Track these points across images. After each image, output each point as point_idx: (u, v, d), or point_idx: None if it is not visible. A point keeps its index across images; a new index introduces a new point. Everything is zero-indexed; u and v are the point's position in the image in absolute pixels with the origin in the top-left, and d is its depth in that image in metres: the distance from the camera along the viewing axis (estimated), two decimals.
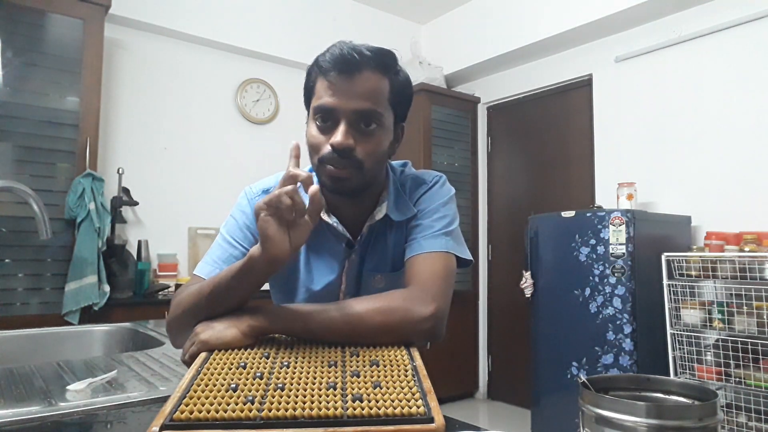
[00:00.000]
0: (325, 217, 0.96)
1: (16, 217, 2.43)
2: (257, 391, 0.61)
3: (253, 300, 0.81)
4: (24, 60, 2.51)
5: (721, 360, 2.27)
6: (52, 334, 1.51)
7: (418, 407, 0.58)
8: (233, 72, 3.56)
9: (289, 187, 0.70)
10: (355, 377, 0.65)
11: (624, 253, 2.47)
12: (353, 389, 0.62)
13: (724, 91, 2.78)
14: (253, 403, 0.58)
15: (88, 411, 0.76)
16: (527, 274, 2.92)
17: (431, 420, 0.57)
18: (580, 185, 3.49)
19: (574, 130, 3.57)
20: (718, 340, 2.30)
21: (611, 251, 2.51)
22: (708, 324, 2.36)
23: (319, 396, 0.60)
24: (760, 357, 2.19)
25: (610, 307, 2.50)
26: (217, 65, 3.49)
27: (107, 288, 2.58)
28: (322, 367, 0.67)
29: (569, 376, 2.64)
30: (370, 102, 0.86)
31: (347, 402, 0.59)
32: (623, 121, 3.22)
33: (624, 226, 2.48)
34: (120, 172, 2.96)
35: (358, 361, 0.70)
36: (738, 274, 2.28)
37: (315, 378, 0.64)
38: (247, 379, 0.64)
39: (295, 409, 0.57)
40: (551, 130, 3.73)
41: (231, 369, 0.67)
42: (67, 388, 0.85)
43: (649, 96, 3.10)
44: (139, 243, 3.01)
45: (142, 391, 0.85)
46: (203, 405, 0.57)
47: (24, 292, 2.47)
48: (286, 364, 0.68)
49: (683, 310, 2.41)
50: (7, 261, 2.43)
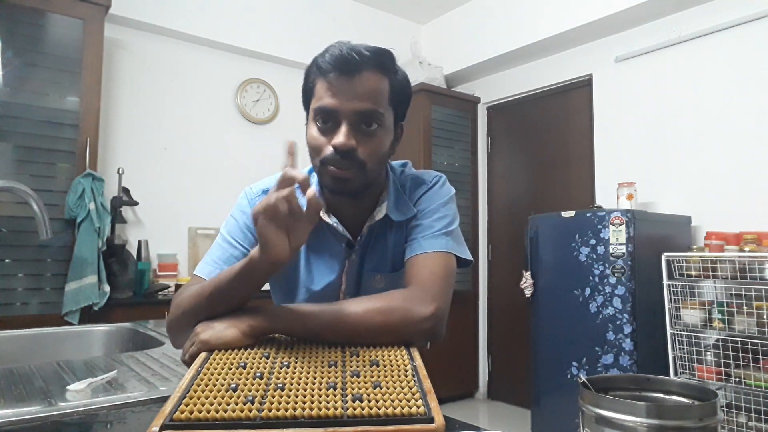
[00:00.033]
0: (325, 217, 0.96)
1: (16, 217, 2.43)
2: (257, 391, 0.61)
3: (254, 300, 0.81)
4: (24, 60, 2.51)
5: (721, 360, 2.27)
6: (52, 334, 1.50)
7: (418, 407, 0.58)
8: (233, 72, 3.56)
9: (286, 191, 0.68)
10: (355, 377, 0.65)
11: (624, 253, 2.47)
12: (353, 389, 0.62)
13: (724, 91, 2.78)
14: (253, 403, 0.58)
15: (88, 411, 0.76)
16: (527, 274, 2.92)
17: (431, 420, 0.57)
18: (580, 185, 3.49)
19: (574, 130, 3.57)
20: (718, 340, 2.30)
21: (611, 251, 2.51)
22: (708, 324, 2.36)
23: (319, 396, 0.60)
24: (760, 357, 2.19)
25: (610, 307, 2.50)
26: (217, 65, 3.49)
27: (107, 288, 2.59)
28: (322, 367, 0.67)
29: (569, 376, 2.64)
30: (371, 102, 0.86)
31: (347, 402, 0.59)
32: (623, 121, 3.22)
33: (624, 226, 2.48)
34: (120, 172, 2.96)
35: (358, 361, 0.70)
36: (738, 274, 2.28)
37: (315, 378, 0.64)
38: (247, 379, 0.64)
39: (295, 409, 0.57)
40: (551, 130, 3.73)
41: (231, 369, 0.67)
42: (67, 388, 0.85)
43: (649, 96, 3.10)
44: (139, 243, 3.01)
45: (142, 391, 0.85)
46: (203, 405, 0.57)
47: (24, 292, 2.47)
48: (286, 364, 0.68)
49: (683, 310, 2.41)
50: (7, 261, 2.43)
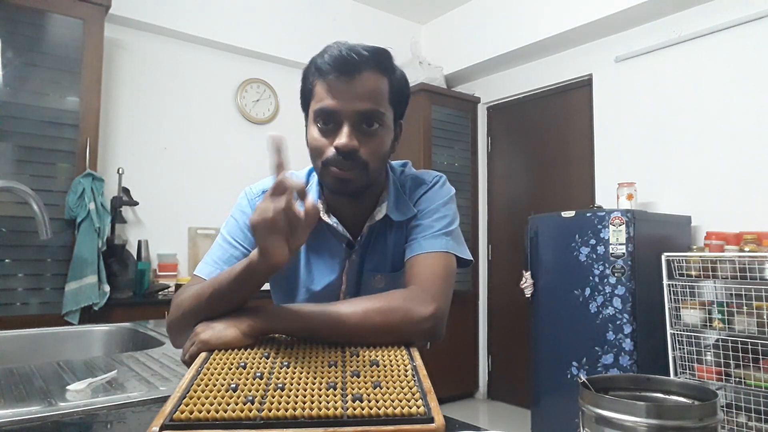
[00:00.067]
0: (325, 217, 0.96)
1: (16, 217, 2.43)
2: (257, 391, 0.61)
3: (254, 300, 0.81)
4: (24, 60, 2.51)
5: (721, 360, 2.27)
6: (52, 334, 1.50)
7: (418, 407, 0.58)
8: (233, 72, 3.56)
9: (283, 202, 0.66)
10: (355, 377, 0.65)
11: (624, 253, 2.47)
12: (353, 389, 0.62)
13: (724, 91, 2.78)
14: (253, 403, 0.58)
15: (88, 411, 0.76)
16: (527, 274, 2.92)
17: (431, 420, 0.57)
18: (580, 185, 3.49)
19: (574, 130, 3.57)
20: (718, 340, 2.30)
21: (611, 251, 2.51)
22: (708, 324, 2.36)
23: (319, 396, 0.60)
24: (760, 357, 2.19)
25: (610, 307, 2.50)
26: (217, 65, 3.49)
27: (107, 288, 2.58)
28: (322, 367, 0.67)
29: (569, 376, 2.64)
30: (372, 102, 0.86)
31: (347, 402, 0.59)
32: (623, 121, 3.22)
33: (624, 226, 2.48)
34: (120, 172, 2.96)
35: (358, 361, 0.70)
36: (738, 274, 2.28)
37: (315, 378, 0.64)
38: (247, 379, 0.64)
39: (295, 409, 0.57)
40: (551, 130, 3.73)
41: (231, 369, 0.67)
42: (67, 388, 0.85)
43: (649, 96, 3.10)
44: (139, 243, 3.01)
45: (142, 391, 0.85)
46: (203, 405, 0.57)
47: (24, 292, 2.47)
48: (286, 364, 0.68)
49: (683, 310, 2.41)
50: (7, 261, 2.43)
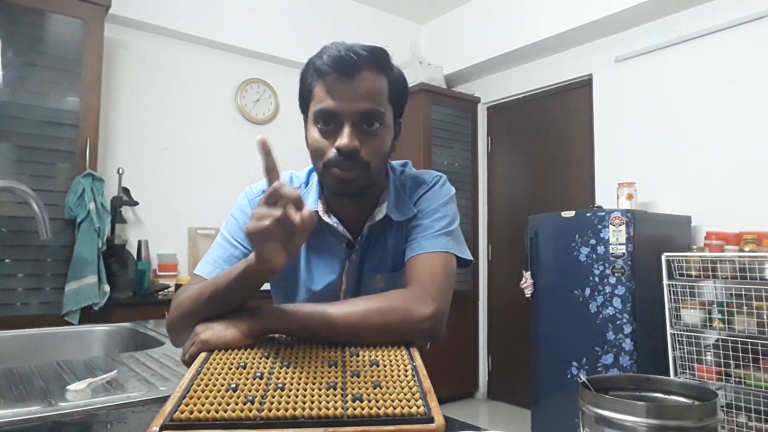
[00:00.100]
0: (325, 217, 0.96)
1: (16, 217, 2.43)
2: (257, 391, 0.61)
3: (254, 300, 0.81)
4: (24, 60, 2.51)
5: (721, 360, 2.27)
6: (52, 334, 1.50)
7: (418, 407, 0.58)
8: (233, 72, 3.56)
9: (278, 212, 0.66)
10: (355, 377, 0.65)
11: (624, 253, 2.47)
12: (353, 389, 0.62)
13: (724, 91, 2.78)
14: (253, 403, 0.58)
15: (88, 411, 0.76)
16: (527, 274, 2.92)
17: (431, 420, 0.57)
18: (580, 185, 3.49)
19: (574, 130, 3.57)
20: (718, 340, 2.30)
21: (611, 251, 2.51)
22: (708, 324, 2.36)
23: (319, 396, 0.60)
24: (760, 357, 2.19)
25: (610, 307, 2.50)
26: (217, 65, 3.49)
27: (107, 288, 2.58)
28: (322, 367, 0.67)
29: (569, 376, 2.64)
30: (372, 102, 0.86)
31: (347, 402, 0.59)
32: (623, 121, 3.22)
33: (624, 226, 2.48)
34: (120, 172, 2.96)
35: (358, 361, 0.70)
36: (738, 274, 2.28)
37: (315, 378, 0.64)
38: (247, 379, 0.64)
39: (295, 409, 0.57)
40: (551, 130, 3.73)
41: (231, 369, 0.67)
42: (67, 388, 0.85)
43: (649, 96, 3.10)
44: (139, 243, 3.01)
45: (142, 391, 0.85)
46: (203, 405, 0.57)
47: (24, 292, 2.47)
48: (286, 364, 0.68)
49: (683, 310, 2.41)
50: (7, 261, 2.43)
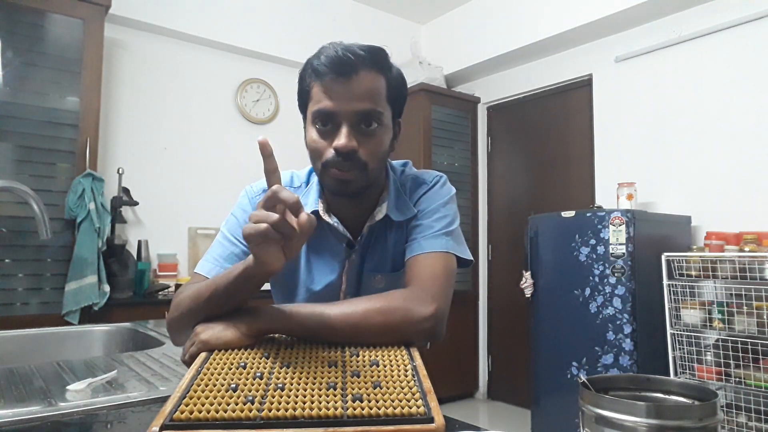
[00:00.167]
0: (325, 217, 0.96)
1: (16, 217, 2.43)
2: (257, 391, 0.61)
3: (254, 300, 0.81)
4: (24, 60, 2.51)
5: (721, 360, 2.26)
6: (52, 334, 1.50)
7: (418, 407, 0.58)
8: (233, 72, 3.56)
9: (275, 217, 0.65)
10: (355, 377, 0.65)
11: (624, 253, 2.47)
12: (353, 389, 0.62)
13: (724, 91, 2.78)
14: (253, 403, 0.58)
15: (88, 411, 0.76)
16: (527, 274, 2.92)
17: (431, 420, 0.57)
18: (580, 185, 3.49)
19: (574, 130, 3.57)
20: (718, 340, 2.30)
21: (611, 251, 2.51)
22: (708, 324, 2.36)
23: (319, 396, 0.60)
24: (760, 357, 2.19)
25: (610, 307, 2.50)
26: (217, 65, 3.49)
27: (107, 288, 2.58)
28: (322, 367, 0.67)
29: (569, 376, 2.64)
30: (370, 102, 0.86)
31: (347, 402, 0.59)
32: (623, 121, 3.22)
33: (624, 226, 2.48)
34: (120, 172, 2.96)
35: (358, 361, 0.70)
36: (738, 274, 2.28)
37: (315, 378, 0.64)
38: (247, 379, 0.64)
39: (295, 409, 0.57)
40: (551, 130, 3.73)
41: (231, 369, 0.67)
42: (67, 388, 0.85)
43: (649, 96, 3.10)
44: (139, 243, 3.01)
45: (142, 391, 0.85)
46: (203, 405, 0.57)
47: (24, 292, 2.47)
48: (286, 364, 0.68)
49: (683, 310, 2.41)
50: (7, 261, 2.43)
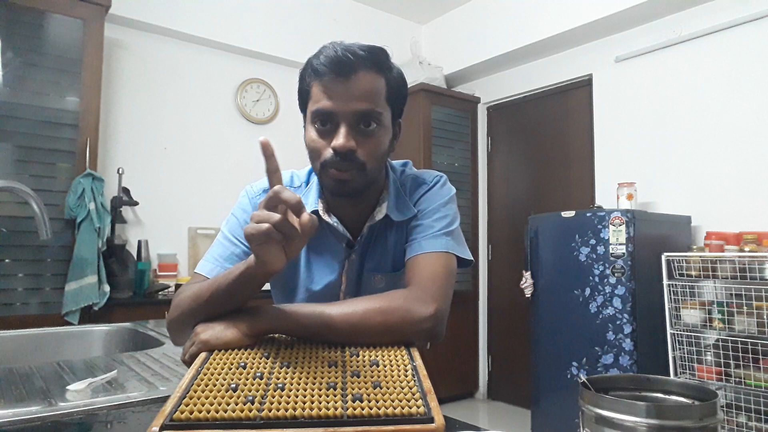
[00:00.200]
0: (325, 217, 0.96)
1: (16, 217, 2.43)
2: (257, 391, 0.61)
3: (254, 300, 0.81)
4: (24, 60, 2.51)
5: (721, 360, 2.26)
6: (52, 334, 1.50)
7: (418, 407, 0.58)
8: (233, 72, 3.56)
9: (277, 217, 0.65)
10: (355, 377, 0.65)
11: (624, 253, 2.47)
12: (353, 389, 0.62)
13: (724, 91, 2.78)
14: (253, 403, 0.58)
15: (88, 411, 0.76)
16: (527, 274, 2.92)
17: (431, 420, 0.57)
18: (580, 185, 3.49)
19: (574, 130, 3.57)
20: (718, 340, 2.30)
21: (611, 251, 2.51)
22: (708, 324, 2.36)
23: (319, 396, 0.60)
24: (760, 357, 2.19)
25: (610, 307, 2.50)
26: (217, 65, 3.49)
27: (107, 288, 2.58)
28: (322, 367, 0.67)
29: (569, 376, 2.64)
30: (369, 102, 0.85)
31: (347, 402, 0.59)
32: (623, 121, 3.22)
33: (624, 226, 2.48)
34: (120, 172, 2.96)
35: (358, 361, 0.70)
36: (738, 274, 2.28)
37: (315, 378, 0.64)
38: (247, 379, 0.64)
39: (295, 409, 0.57)
40: (551, 130, 3.73)
41: (231, 369, 0.67)
42: (67, 388, 0.85)
43: (649, 96, 3.10)
44: (139, 243, 3.01)
45: (142, 391, 0.85)
46: (203, 405, 0.57)
47: (24, 292, 2.47)
48: (286, 364, 0.68)
49: (683, 310, 2.41)
50: (7, 261, 2.43)
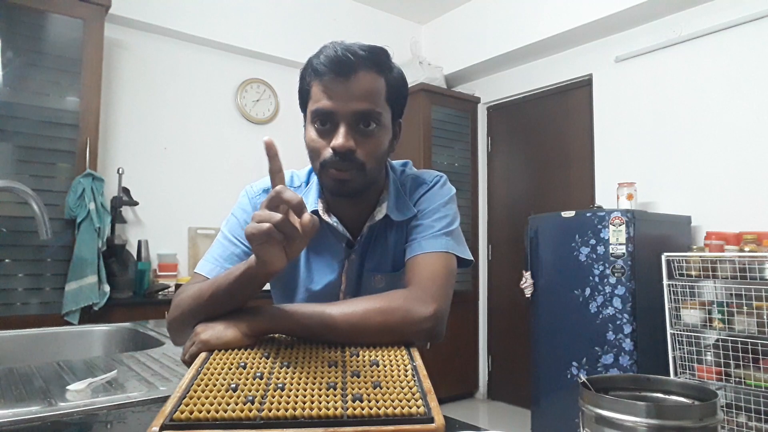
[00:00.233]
0: (325, 216, 0.96)
1: (16, 217, 2.43)
2: (257, 391, 0.61)
3: (254, 300, 0.81)
4: (24, 60, 2.51)
5: (721, 360, 2.26)
6: (52, 334, 1.50)
7: (418, 407, 0.58)
8: (233, 72, 3.56)
9: (278, 217, 0.65)
10: (355, 377, 0.65)
11: (624, 253, 2.47)
12: (353, 389, 0.62)
13: (724, 91, 2.78)
14: (253, 403, 0.58)
15: (88, 411, 0.76)
16: (527, 274, 2.92)
17: (431, 420, 0.57)
18: (580, 185, 3.49)
19: (574, 130, 3.57)
20: (718, 340, 2.30)
21: (611, 251, 2.51)
22: (708, 324, 2.36)
23: (319, 396, 0.60)
24: (760, 357, 2.19)
25: (610, 307, 2.50)
26: (217, 65, 3.49)
27: (107, 288, 2.58)
28: (322, 367, 0.67)
29: (569, 376, 2.64)
30: (368, 102, 0.85)
31: (347, 402, 0.59)
32: (623, 121, 3.22)
33: (624, 226, 2.48)
34: (120, 172, 2.96)
35: (358, 361, 0.70)
36: (738, 274, 2.28)
37: (315, 378, 0.64)
38: (247, 379, 0.64)
39: (295, 409, 0.57)
40: (551, 130, 3.73)
41: (231, 369, 0.67)
42: (67, 388, 0.85)
43: (649, 96, 3.10)
44: (139, 243, 3.01)
45: (142, 391, 0.85)
46: (203, 405, 0.57)
47: (24, 292, 2.47)
48: (286, 364, 0.68)
49: (683, 310, 2.41)
50: (7, 261, 2.43)
